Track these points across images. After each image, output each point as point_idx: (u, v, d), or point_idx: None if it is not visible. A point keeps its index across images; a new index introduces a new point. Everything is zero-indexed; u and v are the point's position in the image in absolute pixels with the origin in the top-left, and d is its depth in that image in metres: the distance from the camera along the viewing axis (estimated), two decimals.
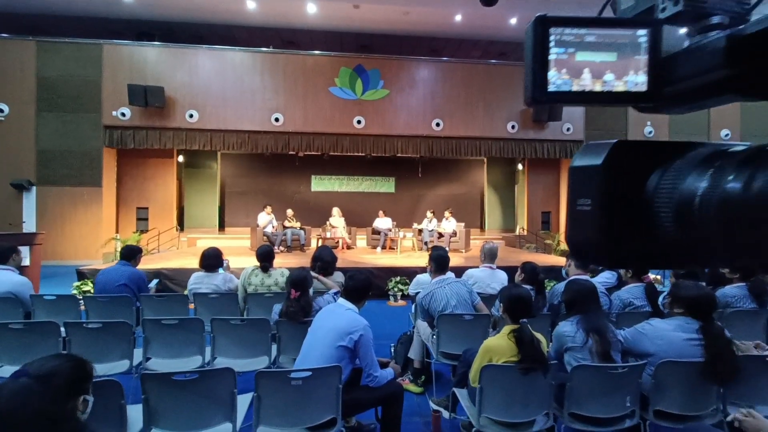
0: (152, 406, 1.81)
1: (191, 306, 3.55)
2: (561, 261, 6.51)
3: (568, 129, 10.81)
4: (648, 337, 2.12)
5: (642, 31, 0.39)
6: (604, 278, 3.53)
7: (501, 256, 3.77)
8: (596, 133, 10.85)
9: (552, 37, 0.39)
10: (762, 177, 0.27)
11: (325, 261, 3.52)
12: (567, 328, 2.19)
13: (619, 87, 0.39)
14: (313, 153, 10.71)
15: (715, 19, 0.38)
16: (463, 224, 9.54)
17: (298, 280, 2.70)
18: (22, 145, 9.19)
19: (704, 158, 0.33)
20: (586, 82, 0.39)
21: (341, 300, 2.32)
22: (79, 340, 2.58)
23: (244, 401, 2.02)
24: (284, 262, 6.62)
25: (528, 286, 2.82)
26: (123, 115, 9.36)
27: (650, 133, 11.26)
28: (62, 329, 2.61)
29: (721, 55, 0.33)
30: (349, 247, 9.21)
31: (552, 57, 0.39)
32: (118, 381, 1.76)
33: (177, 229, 10.63)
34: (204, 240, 10.11)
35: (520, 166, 12.51)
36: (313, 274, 3.23)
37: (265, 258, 3.55)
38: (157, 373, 1.88)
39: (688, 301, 2.09)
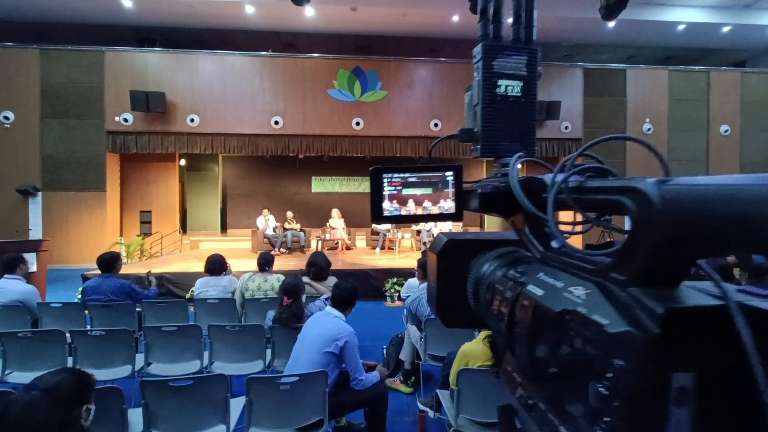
0: (151, 410, 1.96)
1: (192, 309, 3.70)
2: None
3: (566, 127, 10.87)
4: None
5: (449, 173, 0.55)
6: None
7: None
8: (595, 131, 10.89)
9: (385, 180, 0.54)
10: (517, 276, 0.40)
11: (319, 266, 3.68)
12: None
13: (435, 210, 0.55)
14: (312, 155, 10.85)
15: (504, 160, 0.52)
16: (461, 223, 9.65)
17: (290, 287, 2.84)
18: (27, 151, 9.40)
19: (497, 255, 0.46)
20: (410, 209, 0.55)
21: (329, 308, 2.45)
22: (84, 347, 2.74)
23: (238, 404, 2.16)
24: (284, 264, 6.78)
25: None
26: (126, 120, 9.54)
27: (649, 130, 11.33)
28: (68, 336, 2.77)
29: (478, 201, 0.49)
30: (348, 248, 9.36)
31: (386, 192, 0.54)
32: (119, 388, 1.91)
33: (180, 232, 10.81)
34: (206, 242, 10.31)
35: (518, 165, 12.59)
36: (305, 279, 3.37)
37: (264, 259, 3.83)
38: (156, 380, 2.02)
39: None
